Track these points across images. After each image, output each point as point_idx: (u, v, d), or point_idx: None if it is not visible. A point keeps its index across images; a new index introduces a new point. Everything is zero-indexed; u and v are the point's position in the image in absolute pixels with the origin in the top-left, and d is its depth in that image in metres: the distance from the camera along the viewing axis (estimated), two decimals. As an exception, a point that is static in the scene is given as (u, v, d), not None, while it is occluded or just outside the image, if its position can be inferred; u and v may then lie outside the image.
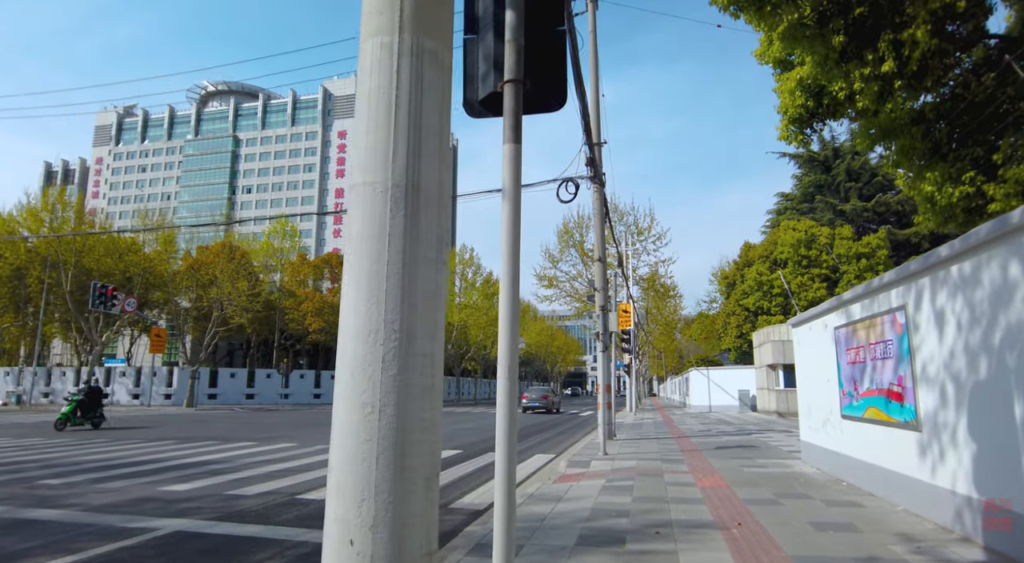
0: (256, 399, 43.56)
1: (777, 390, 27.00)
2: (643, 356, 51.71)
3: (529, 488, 8.03)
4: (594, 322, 12.30)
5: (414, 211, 1.93)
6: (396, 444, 1.80)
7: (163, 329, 37.70)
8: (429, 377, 1.92)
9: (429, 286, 1.93)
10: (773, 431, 17.83)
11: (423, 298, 1.91)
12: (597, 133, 15.84)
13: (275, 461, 11.05)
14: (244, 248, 50.01)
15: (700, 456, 11.30)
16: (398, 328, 1.85)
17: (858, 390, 7.37)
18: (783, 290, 33.85)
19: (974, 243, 4.69)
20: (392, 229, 1.89)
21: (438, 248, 1.98)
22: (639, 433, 17.23)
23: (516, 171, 3.13)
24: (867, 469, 7.18)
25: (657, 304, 45.36)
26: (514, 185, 3.14)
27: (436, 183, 2.01)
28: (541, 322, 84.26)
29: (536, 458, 12.20)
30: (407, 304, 1.87)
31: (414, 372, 1.86)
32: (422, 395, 1.87)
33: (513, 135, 3.17)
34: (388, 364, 1.83)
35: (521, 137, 3.21)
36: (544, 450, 13.82)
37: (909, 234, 35.18)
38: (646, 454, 11.69)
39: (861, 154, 39.79)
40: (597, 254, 15.66)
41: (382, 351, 1.83)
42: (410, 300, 1.88)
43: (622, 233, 37.12)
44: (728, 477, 8.58)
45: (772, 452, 12.00)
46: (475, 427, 21.07)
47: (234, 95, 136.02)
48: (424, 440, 1.86)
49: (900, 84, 6.34)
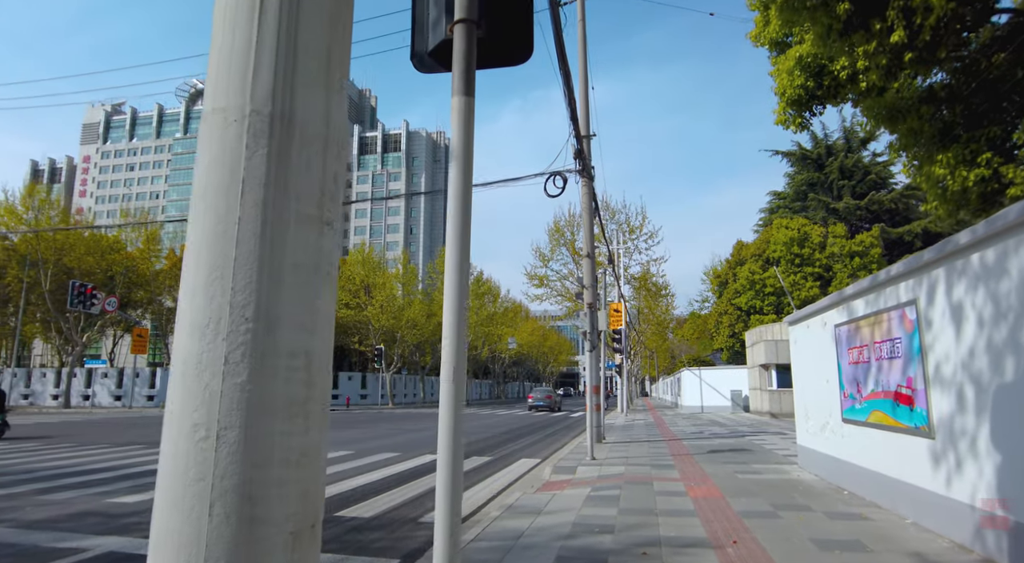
0: (242, 400, 42.78)
1: (770, 390, 26.55)
2: (635, 356, 51.26)
3: (509, 498, 7.45)
4: (582, 320, 11.76)
5: (283, 150, 1.35)
6: (241, 485, 1.22)
7: (145, 329, 36.90)
8: (302, 386, 1.34)
9: (305, 256, 1.35)
10: (766, 433, 17.33)
11: (294, 272, 1.33)
12: (585, 124, 15.30)
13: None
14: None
15: (692, 461, 10.76)
16: (251, 315, 1.27)
17: (861, 392, 6.84)
18: (776, 289, 33.43)
19: (1001, 227, 4.15)
20: (248, 173, 1.32)
21: (322, 204, 1.40)
22: (629, 435, 16.69)
23: (467, 129, 2.56)
24: (871, 478, 6.66)
25: (649, 303, 44.90)
26: (464, 145, 2.56)
27: (320, 117, 1.43)
28: (533, 322, 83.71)
29: (521, 463, 11.63)
30: (267, 280, 1.29)
31: (275, 379, 1.28)
32: (288, 413, 1.29)
33: (464, 86, 2.60)
34: (233, 368, 1.25)
35: (474, 89, 2.65)
36: (530, 454, 13.26)
37: (902, 232, 34.84)
38: (635, 459, 11.14)
39: (854, 152, 39.52)
40: (586, 250, 15.14)
41: (224, 348, 1.25)
42: (272, 274, 1.30)
43: (614, 231, 36.63)
44: (722, 485, 8.03)
45: (767, 456, 11.48)
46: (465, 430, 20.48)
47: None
48: (291, 479, 1.28)
49: (911, 57, 5.80)
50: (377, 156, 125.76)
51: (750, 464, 10.27)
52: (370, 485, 8.87)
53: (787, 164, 43.55)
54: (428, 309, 50.63)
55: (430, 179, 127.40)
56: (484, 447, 14.58)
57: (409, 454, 12.76)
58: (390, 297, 44.70)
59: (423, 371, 53.53)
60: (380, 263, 49.82)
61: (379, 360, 43.19)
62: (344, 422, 24.40)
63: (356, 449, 13.57)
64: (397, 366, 47.82)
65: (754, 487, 7.88)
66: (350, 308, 44.94)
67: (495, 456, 12.79)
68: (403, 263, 51.56)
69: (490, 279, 59.06)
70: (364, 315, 44.28)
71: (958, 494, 4.91)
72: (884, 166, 38.48)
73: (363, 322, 45.04)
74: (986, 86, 6.30)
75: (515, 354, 76.02)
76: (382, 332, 45.42)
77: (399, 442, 15.57)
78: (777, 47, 8.43)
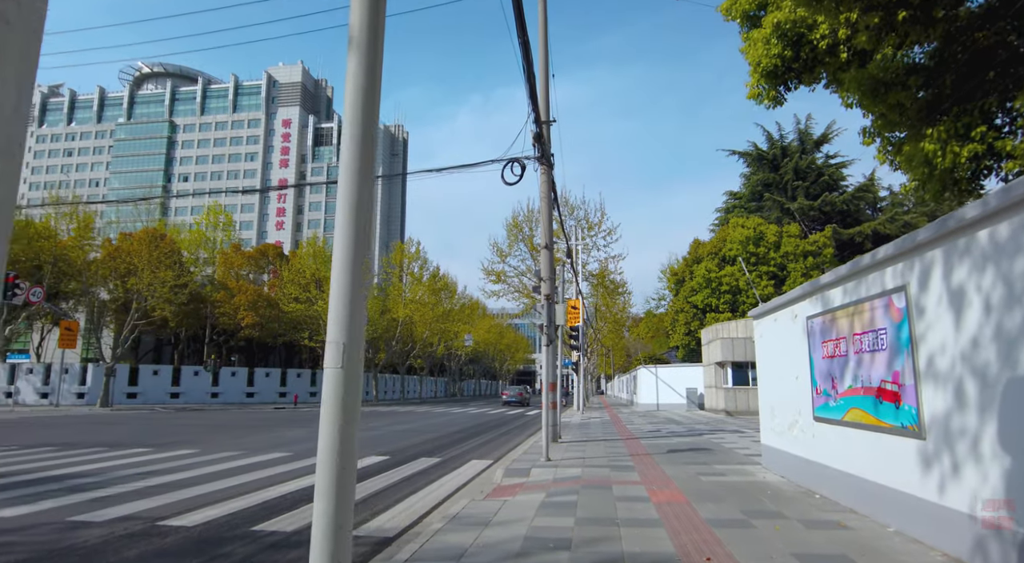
0: (182, 398, 40.66)
1: (725, 388, 26.49)
2: (591, 354, 51.11)
3: (454, 506, 6.69)
4: (539, 313, 11.06)
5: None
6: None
7: (75, 322, 34.57)
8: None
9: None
10: (724, 431, 17.03)
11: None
12: (546, 108, 14.63)
13: (160, 472, 9.34)
14: (172, 237, 46.82)
15: (652, 461, 10.20)
16: None
17: (837, 389, 6.33)
18: (732, 287, 33.58)
19: (1018, 197, 3.61)
20: None
21: None
22: (586, 434, 16.12)
23: (373, 5, 1.79)
24: (846, 481, 6.15)
25: (606, 301, 44.75)
26: (369, 27, 1.79)
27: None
28: (490, 320, 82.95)
29: (471, 465, 10.87)
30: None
31: None
32: None
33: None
34: None
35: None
36: (482, 454, 12.51)
37: (853, 233, 35.49)
38: (593, 459, 10.52)
39: (808, 153, 40.13)
40: (544, 241, 14.49)
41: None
42: None
43: (572, 227, 36.23)
44: (686, 489, 7.45)
45: (728, 456, 11.02)
46: (412, 429, 19.59)
47: (171, 78, 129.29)
48: None
49: (905, 15, 5.29)
50: (333, 148, 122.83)
51: (712, 465, 9.77)
52: (302, 491, 7.98)
53: (743, 164, 44.05)
54: (382, 305, 49.27)
55: (387, 173, 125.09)
56: (434, 447, 13.76)
57: (351, 455, 11.84)
58: (342, 291, 43.22)
59: (376, 368, 52.11)
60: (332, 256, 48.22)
61: (330, 356, 41.71)
62: (288, 421, 23.17)
63: (296, 450, 12.56)
64: (349, 363, 46.32)
65: (720, 490, 7.32)
66: (300, 302, 43.30)
67: (444, 457, 12.00)
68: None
69: (447, 275, 58.02)
70: (315, 309, 42.69)
71: (954, 502, 4.39)
72: (837, 168, 39.22)
73: (314, 317, 43.44)
74: (980, 55, 5.87)
75: (471, 352, 75.15)
76: (333, 327, 43.88)
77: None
78: (749, 21, 7.88)
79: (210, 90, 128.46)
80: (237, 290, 44.96)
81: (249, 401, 44.37)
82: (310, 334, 45.33)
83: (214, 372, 42.64)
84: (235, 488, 8.02)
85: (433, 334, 55.90)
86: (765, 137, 41.89)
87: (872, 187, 37.69)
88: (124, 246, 39.25)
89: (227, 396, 43.42)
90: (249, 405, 40.49)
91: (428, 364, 70.50)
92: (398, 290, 52.09)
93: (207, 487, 8.08)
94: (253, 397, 45.24)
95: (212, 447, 13.07)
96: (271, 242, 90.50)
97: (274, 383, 47.32)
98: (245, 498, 7.33)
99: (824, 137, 40.17)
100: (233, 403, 42.28)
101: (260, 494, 7.60)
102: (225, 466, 10.10)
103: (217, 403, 41.13)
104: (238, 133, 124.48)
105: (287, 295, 43.77)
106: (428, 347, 58.75)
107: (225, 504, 6.98)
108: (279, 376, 48.03)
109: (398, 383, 63.00)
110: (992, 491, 3.98)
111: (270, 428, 19.15)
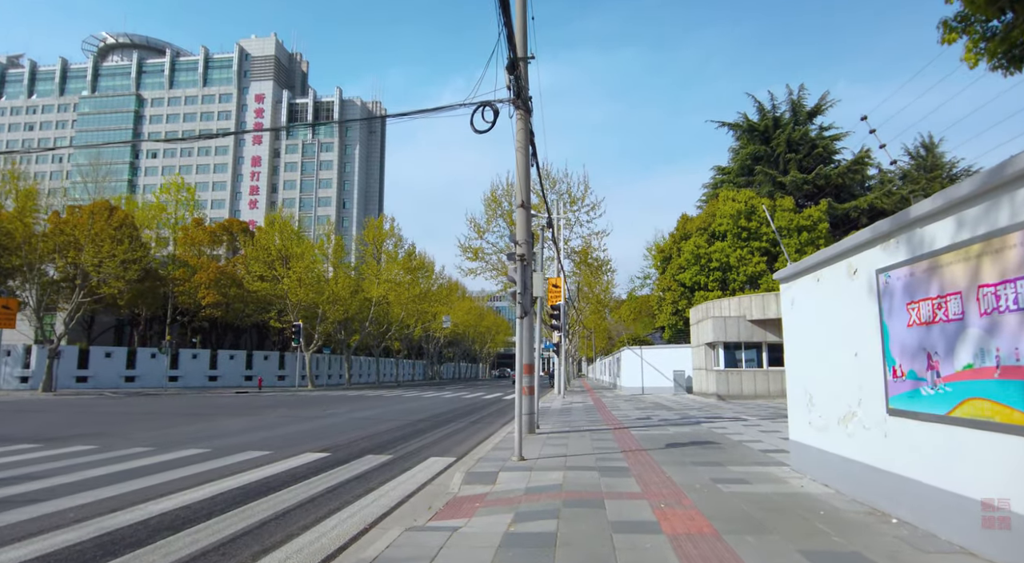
0: (138, 382, 38.08)
1: (716, 370, 24.72)
2: (572, 336, 49.25)
3: (379, 541, 4.60)
4: (512, 276, 8.93)
5: None
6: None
7: (13, 300, 31.75)
8: None
9: None
10: (722, 418, 15.17)
11: None
12: (523, 40, 12.37)
13: (19, 480, 7.12)
14: (128, 210, 43.81)
15: (650, 461, 8.20)
16: None
17: (938, 370, 4.32)
18: (722, 264, 31.73)
19: None
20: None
21: None
22: (568, 423, 14.15)
23: None
24: (954, 505, 4.16)
25: (589, 280, 42.77)
26: None
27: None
28: (469, 301, 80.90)
29: (427, 465, 8.79)
30: None
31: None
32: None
33: None
34: None
35: None
36: (445, 449, 10.44)
37: (848, 208, 33.84)
38: (577, 458, 8.50)
39: (801, 124, 38.22)
40: (520, 198, 12.38)
41: None
42: None
43: (554, 202, 34.07)
44: (706, 507, 5.44)
45: (741, 452, 9.07)
46: (373, 416, 17.47)
47: (138, 50, 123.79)
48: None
49: None
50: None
51: (726, 466, 7.80)
52: (195, 506, 5.88)
53: (732, 139, 42.12)
54: (355, 284, 46.87)
55: (364, 151, 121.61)
56: (389, 441, 11.66)
57: (284, 453, 9.73)
58: (308, 268, 40.65)
59: (349, 351, 49.82)
60: (299, 231, 45.60)
61: (297, 338, 39.32)
62: (239, 408, 20.92)
63: (216, 446, 10.40)
64: (318, 344, 43.97)
65: (754, 510, 5.31)
66: (265, 280, 40.73)
67: (398, 453, 9.91)
68: (327, 234, 47.39)
69: (423, 254, 55.61)
70: (281, 288, 40.19)
71: None
72: (831, 140, 37.41)
73: (280, 296, 40.95)
74: None
75: (450, 334, 73.08)
76: (302, 307, 41.46)
77: (284, 435, 12.45)
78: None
79: (179, 63, 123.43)
80: (198, 267, 42.21)
81: (211, 385, 41.90)
82: (277, 313, 42.86)
83: (173, 354, 40.05)
84: (93, 505, 5.87)
85: (410, 315, 53.64)
86: (756, 109, 39.90)
87: (867, 160, 35.92)
88: (71, 219, 36.27)
89: (187, 380, 40.90)
90: (210, 389, 38.05)
91: (405, 346, 68.31)
92: (373, 269, 49.62)
93: (58, 503, 5.92)
94: (216, 381, 42.77)
95: (119, 442, 10.84)
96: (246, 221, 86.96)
97: (239, 366, 44.84)
98: (89, 525, 5.18)
99: (817, 108, 38.28)
100: (194, 387, 39.79)
101: (118, 517, 5.45)
102: (113, 469, 7.91)
103: (176, 387, 38.62)
104: (209, 108, 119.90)
105: (252, 273, 41.17)
106: (405, 329, 56.52)
107: (52, 536, 4.82)
108: (245, 359, 45.53)
109: (372, 366, 60.78)
110: None
111: (211, 417, 16.92)
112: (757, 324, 24.35)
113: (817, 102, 38.03)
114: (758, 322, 24.30)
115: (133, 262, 35.86)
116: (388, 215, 52.99)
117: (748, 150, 39.05)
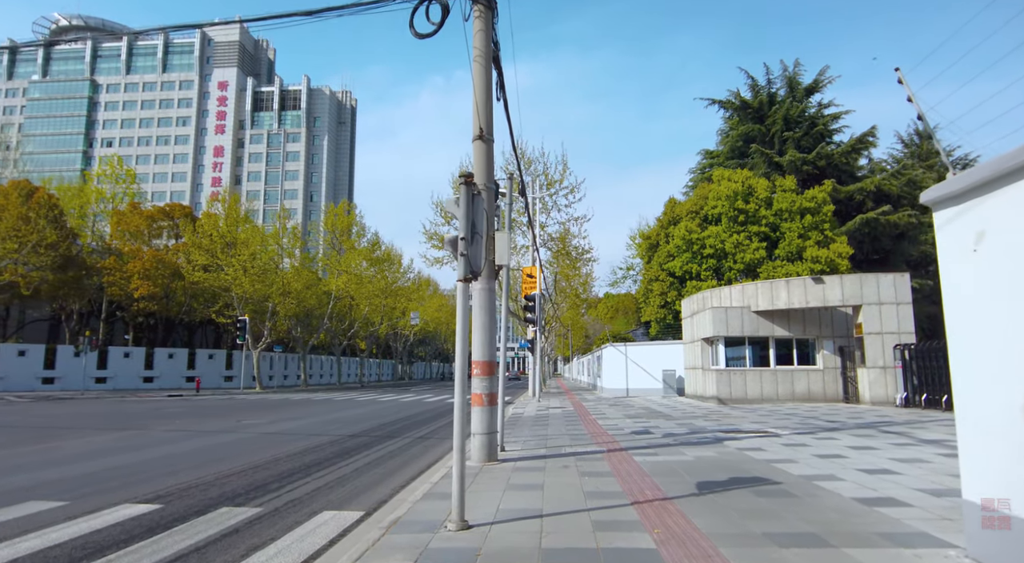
0: (58, 384, 33.49)
1: (716, 370, 21.34)
2: (549, 333, 45.63)
3: None
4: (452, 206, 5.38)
5: None
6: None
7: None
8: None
9: None
10: (742, 431, 11.69)
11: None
12: None
13: None
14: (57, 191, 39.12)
15: (689, 530, 4.59)
16: None
17: None
18: (717, 250, 28.39)
19: None
20: None
21: None
22: (544, 439, 10.52)
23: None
24: None
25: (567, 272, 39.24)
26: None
27: None
28: (441, 298, 76.80)
29: (310, 528, 5.01)
30: None
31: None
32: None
33: None
34: None
35: None
36: (353, 494, 6.69)
37: (853, 191, 30.84)
38: (559, 522, 4.86)
39: (799, 101, 35.13)
40: (478, 127, 8.83)
41: None
42: None
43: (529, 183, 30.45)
44: None
45: (832, 507, 5.51)
46: (293, 429, 13.63)
47: (92, 32, 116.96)
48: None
49: None
50: (274, 113, 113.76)
51: (828, 542, 4.22)
52: None
53: (720, 119, 38.99)
54: (310, 277, 42.72)
55: (334, 142, 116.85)
56: (285, 472, 7.89)
57: (86, 504, 5.92)
58: (254, 255, 36.39)
59: (305, 349, 45.60)
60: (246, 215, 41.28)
61: (242, 334, 35.11)
62: (123, 419, 16.90)
63: (74, 495, 6.55)
64: (268, 342, 39.73)
65: None
66: (209, 270, 36.41)
67: (274, 504, 6.14)
68: (280, 218, 43.04)
69: (390, 245, 51.58)
70: (224, 278, 35.92)
71: None
72: (831, 118, 34.42)
73: (224, 287, 36.66)
74: None
75: (420, 332, 69.09)
76: (249, 301, 37.22)
77: (130, 465, 8.60)
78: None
79: (136, 47, 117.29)
80: (131, 256, 37.69)
81: (145, 387, 37.44)
82: (223, 308, 38.52)
83: (101, 352, 35.54)
84: None
85: (375, 311, 49.56)
86: (748, 85, 36.74)
87: (872, 138, 32.98)
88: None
89: (118, 382, 36.38)
90: (142, 392, 33.67)
91: (371, 345, 64.17)
92: (333, 260, 45.47)
93: None
94: (152, 382, 38.30)
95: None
96: (205, 208, 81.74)
97: (180, 366, 40.38)
98: None
99: (815, 85, 35.25)
100: (125, 389, 35.33)
101: None
102: None
103: (101, 390, 34.11)
104: (168, 95, 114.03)
105: (193, 262, 36.77)
106: (370, 326, 52.41)
107: None
108: (186, 358, 41.08)
109: (332, 366, 56.54)
110: None
111: (70, 431, 12.95)
112: (763, 316, 21.03)
113: (815, 78, 35.04)
114: (764, 313, 20.97)
115: (50, 247, 31.43)
116: (354, 203, 48.93)
117: (740, 130, 35.87)
